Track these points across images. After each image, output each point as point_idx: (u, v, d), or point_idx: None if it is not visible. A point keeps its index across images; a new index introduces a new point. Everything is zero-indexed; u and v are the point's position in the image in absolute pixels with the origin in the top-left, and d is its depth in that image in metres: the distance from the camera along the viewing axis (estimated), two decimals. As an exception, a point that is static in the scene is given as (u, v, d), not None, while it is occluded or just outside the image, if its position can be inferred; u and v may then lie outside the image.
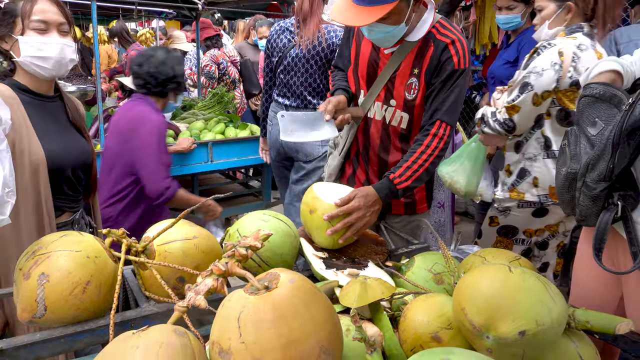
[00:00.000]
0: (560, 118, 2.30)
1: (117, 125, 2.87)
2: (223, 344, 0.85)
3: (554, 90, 2.26)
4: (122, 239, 1.23)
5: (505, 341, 0.94)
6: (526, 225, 2.48)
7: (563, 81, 2.23)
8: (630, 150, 1.31)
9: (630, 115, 1.27)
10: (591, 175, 1.37)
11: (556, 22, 2.38)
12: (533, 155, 2.38)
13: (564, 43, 2.26)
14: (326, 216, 1.53)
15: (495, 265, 1.05)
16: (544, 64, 2.25)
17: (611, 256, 1.52)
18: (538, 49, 2.33)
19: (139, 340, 0.82)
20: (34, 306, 1.08)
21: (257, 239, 1.07)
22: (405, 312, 1.14)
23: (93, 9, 3.07)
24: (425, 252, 1.53)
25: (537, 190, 2.38)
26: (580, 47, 2.24)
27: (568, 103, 2.26)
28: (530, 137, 2.39)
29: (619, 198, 1.35)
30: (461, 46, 1.82)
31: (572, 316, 1.09)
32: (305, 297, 0.89)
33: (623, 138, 1.29)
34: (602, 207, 1.39)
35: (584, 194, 1.40)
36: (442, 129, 1.82)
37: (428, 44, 1.84)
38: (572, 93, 2.24)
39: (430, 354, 0.88)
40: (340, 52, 2.20)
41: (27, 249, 1.17)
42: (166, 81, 2.83)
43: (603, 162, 1.33)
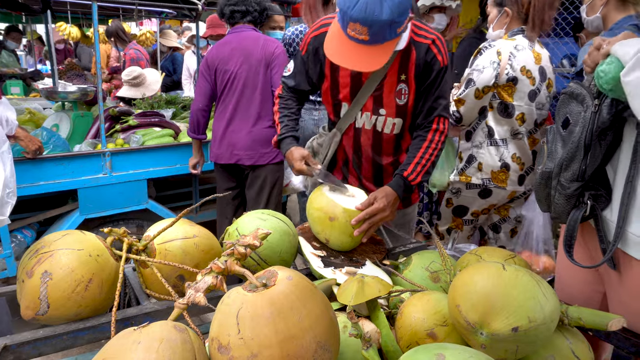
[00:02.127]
0: (500, 110, 2.57)
1: (240, 48, 3.06)
2: (222, 340, 0.87)
3: (493, 86, 2.52)
4: (123, 237, 1.25)
5: (499, 337, 0.96)
6: (474, 204, 2.74)
7: (501, 77, 2.50)
8: (602, 151, 1.35)
9: (599, 116, 1.31)
10: (565, 175, 1.42)
11: (498, 25, 2.62)
12: (479, 143, 2.64)
13: (502, 44, 2.52)
14: (354, 221, 1.58)
15: (489, 263, 1.07)
16: (485, 62, 2.51)
17: (591, 254, 1.54)
18: (481, 49, 2.59)
19: (140, 336, 0.84)
20: (37, 304, 1.10)
21: (255, 238, 1.09)
22: (402, 310, 1.16)
23: (94, 10, 3.08)
24: (423, 251, 1.55)
25: (481, 174, 2.65)
26: (517, 48, 2.50)
27: (506, 97, 2.53)
28: (477, 127, 2.66)
29: (589, 197, 1.41)
30: (441, 44, 1.84)
31: (565, 313, 1.11)
32: (302, 294, 0.91)
33: (594, 139, 1.33)
34: (574, 206, 1.44)
35: (559, 192, 1.45)
36: (442, 124, 1.89)
37: (410, 48, 1.83)
38: (509, 88, 2.52)
39: (425, 349, 0.90)
40: (300, 70, 2.04)
41: (30, 247, 1.19)
42: (264, 10, 3.11)
43: (576, 162, 1.38)
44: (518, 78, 2.49)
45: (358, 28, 1.56)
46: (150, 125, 3.71)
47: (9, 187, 1.17)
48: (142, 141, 3.48)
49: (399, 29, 1.60)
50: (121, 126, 3.63)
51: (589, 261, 1.55)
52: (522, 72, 2.49)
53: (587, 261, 1.55)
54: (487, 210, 2.77)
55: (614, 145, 1.38)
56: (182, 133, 3.82)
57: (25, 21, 7.67)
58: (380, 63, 1.63)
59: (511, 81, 2.49)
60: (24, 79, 6.07)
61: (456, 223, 2.85)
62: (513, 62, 2.47)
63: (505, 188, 2.61)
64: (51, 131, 3.20)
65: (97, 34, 3.16)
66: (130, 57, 5.80)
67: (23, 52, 10.28)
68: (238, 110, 3.10)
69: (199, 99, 3.15)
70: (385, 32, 1.57)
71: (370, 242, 1.72)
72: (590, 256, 1.55)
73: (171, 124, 3.83)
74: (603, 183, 1.43)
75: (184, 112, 4.43)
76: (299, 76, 2.04)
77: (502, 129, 2.58)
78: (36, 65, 8.96)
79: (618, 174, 1.38)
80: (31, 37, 9.11)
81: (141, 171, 3.39)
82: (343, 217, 1.57)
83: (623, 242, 1.36)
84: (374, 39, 1.58)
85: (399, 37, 1.65)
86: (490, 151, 2.60)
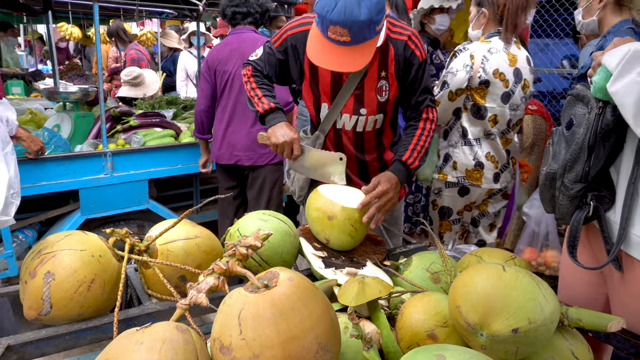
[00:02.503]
0: (474, 112, 2.64)
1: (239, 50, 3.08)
2: (224, 341, 0.87)
3: (466, 88, 2.59)
4: (125, 238, 1.26)
5: (499, 338, 0.97)
6: (455, 203, 2.81)
7: (474, 80, 2.56)
8: (606, 152, 1.36)
9: (603, 118, 1.32)
10: (569, 176, 1.43)
11: (476, 25, 2.67)
12: (454, 142, 2.73)
13: (476, 47, 2.57)
14: (359, 204, 1.61)
15: (489, 265, 1.08)
16: (458, 65, 2.58)
17: (596, 255, 1.55)
18: (456, 52, 2.66)
19: (143, 336, 0.85)
20: (40, 304, 1.11)
21: (257, 239, 1.09)
22: (402, 311, 1.17)
23: (95, 11, 3.09)
24: (423, 252, 1.55)
25: (456, 173, 2.73)
26: (491, 51, 2.54)
27: (479, 99, 2.60)
28: (453, 127, 2.74)
29: (592, 198, 1.42)
30: (417, 39, 1.88)
31: (565, 314, 1.11)
32: (303, 295, 0.91)
33: (598, 141, 1.35)
34: (578, 207, 1.45)
35: (563, 193, 1.46)
36: (431, 113, 1.97)
37: (387, 45, 1.86)
38: (481, 90, 2.58)
39: (425, 350, 0.90)
40: (268, 61, 2.01)
41: (33, 248, 1.19)
42: (266, 12, 3.16)
43: (580, 164, 1.39)
44: (490, 81, 2.54)
45: (339, 30, 1.60)
46: (151, 126, 3.71)
47: (13, 187, 1.17)
48: (143, 141, 3.49)
49: (377, 27, 1.64)
50: (122, 127, 3.63)
51: (594, 263, 1.55)
52: (495, 75, 2.54)
53: (592, 263, 1.56)
54: (469, 208, 2.86)
55: (617, 147, 1.39)
56: (183, 133, 3.82)
57: (26, 21, 7.69)
58: (364, 62, 1.66)
59: (483, 84, 2.55)
60: (25, 79, 6.08)
61: (444, 226, 2.90)
62: (486, 65, 2.53)
63: (480, 186, 2.70)
64: (52, 131, 3.21)
65: (98, 35, 3.16)
66: (131, 57, 5.81)
67: (24, 52, 10.30)
68: (236, 111, 3.11)
69: (201, 100, 3.17)
70: (365, 31, 1.60)
71: (370, 243, 1.72)
72: (595, 258, 1.56)
73: (172, 125, 3.84)
74: (607, 184, 1.44)
75: (185, 113, 4.43)
76: (268, 67, 2.01)
77: (475, 130, 2.66)
78: (37, 65, 8.97)
79: (621, 176, 1.38)
80: (32, 37, 9.12)
81: (142, 171, 3.39)
82: (342, 216, 1.57)
83: (626, 244, 1.37)
84: (355, 39, 1.61)
85: (378, 35, 1.68)
86: (465, 150, 2.69)
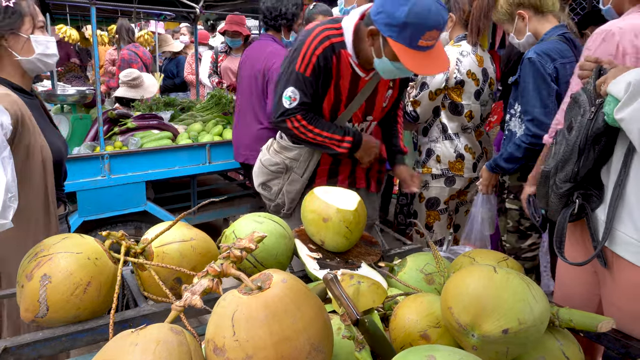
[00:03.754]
0: (451, 109, 2.89)
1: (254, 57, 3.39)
2: (218, 342, 0.89)
3: (444, 88, 2.84)
4: (121, 240, 1.27)
5: (489, 339, 0.98)
6: (443, 193, 2.99)
7: (450, 81, 2.81)
8: (596, 155, 1.39)
9: (594, 122, 1.35)
10: (559, 176, 1.48)
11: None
12: (435, 138, 2.95)
13: (450, 50, 2.78)
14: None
15: (481, 266, 1.09)
16: None
17: (588, 253, 1.57)
18: None
19: (138, 338, 0.86)
20: (36, 306, 1.12)
21: (251, 241, 1.10)
22: (396, 312, 1.18)
23: (92, 14, 3.10)
24: (417, 253, 1.57)
25: (440, 165, 2.94)
26: (462, 54, 2.81)
27: (455, 97, 2.85)
28: (432, 124, 2.96)
29: (578, 196, 1.46)
30: None
31: (555, 315, 1.13)
32: (296, 296, 0.92)
33: (588, 144, 1.38)
34: (566, 205, 1.49)
35: (554, 191, 1.50)
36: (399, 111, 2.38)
37: None
38: (457, 90, 2.84)
39: (416, 351, 0.92)
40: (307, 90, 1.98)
41: (29, 251, 1.21)
42: (277, 17, 3.29)
43: (570, 164, 1.43)
44: (465, 81, 2.80)
45: (434, 34, 1.74)
46: (148, 128, 3.73)
47: (10, 191, 1.19)
48: (140, 144, 3.50)
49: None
50: (119, 129, 3.64)
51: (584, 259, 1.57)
52: (468, 75, 2.80)
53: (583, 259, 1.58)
54: (455, 196, 3.05)
55: (609, 150, 1.42)
56: (180, 135, 3.84)
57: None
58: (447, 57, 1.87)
59: (459, 84, 2.81)
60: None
61: (432, 216, 3.03)
62: (460, 67, 2.78)
63: (463, 175, 2.93)
64: (50, 134, 3.22)
65: (95, 37, 3.17)
66: (122, 57, 5.80)
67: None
68: (241, 112, 3.48)
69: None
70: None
71: (365, 244, 1.74)
72: (587, 255, 1.58)
73: (169, 127, 3.85)
74: (597, 184, 1.47)
75: (182, 114, 4.45)
76: (308, 96, 1.98)
77: (453, 125, 2.91)
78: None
79: (610, 177, 1.41)
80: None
81: (140, 173, 3.40)
82: (337, 218, 1.58)
83: (613, 242, 1.40)
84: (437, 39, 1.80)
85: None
86: (446, 144, 2.92)
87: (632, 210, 1.34)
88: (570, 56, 2.42)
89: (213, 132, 3.98)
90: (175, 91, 6.57)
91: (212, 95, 4.59)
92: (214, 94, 4.59)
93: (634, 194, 1.34)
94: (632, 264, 1.35)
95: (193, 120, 4.26)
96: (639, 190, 1.33)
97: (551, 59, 2.38)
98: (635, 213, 1.34)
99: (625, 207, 1.36)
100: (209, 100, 4.59)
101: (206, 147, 3.75)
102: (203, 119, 4.27)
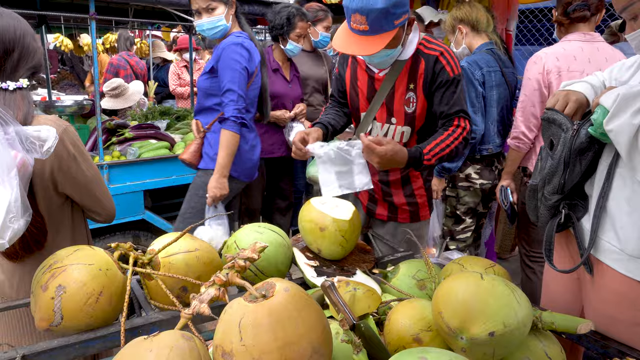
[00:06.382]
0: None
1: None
2: (225, 347, 0.96)
3: None
4: (129, 252, 1.34)
5: (477, 341, 1.06)
6: None
7: None
8: (582, 168, 1.49)
9: (577, 138, 1.45)
10: (547, 188, 1.57)
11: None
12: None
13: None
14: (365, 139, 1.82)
15: (469, 273, 1.17)
16: None
17: (574, 262, 1.65)
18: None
19: (152, 344, 0.93)
20: (51, 315, 1.18)
21: (254, 251, 1.18)
22: (390, 316, 1.25)
23: (92, 28, 3.16)
24: (410, 260, 1.64)
25: None
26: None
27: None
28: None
29: (564, 206, 1.55)
30: (450, 56, 2.00)
31: (539, 318, 1.21)
32: (298, 304, 1.00)
33: (573, 157, 1.47)
34: (554, 215, 1.57)
35: (543, 203, 1.59)
36: (462, 121, 1.99)
37: (418, 60, 2.00)
38: None
39: (409, 353, 0.99)
40: (336, 78, 2.29)
41: (43, 263, 1.27)
42: (272, 28, 3.56)
43: (557, 177, 1.52)
44: None
45: (358, 18, 1.76)
46: (146, 138, 3.79)
47: (12, 211, 1.21)
48: (138, 153, 3.56)
49: (395, 21, 1.78)
50: (117, 139, 3.70)
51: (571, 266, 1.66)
52: None
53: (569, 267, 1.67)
54: None
55: (594, 164, 1.51)
56: (177, 145, 3.90)
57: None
58: (376, 48, 1.79)
59: None
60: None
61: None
62: None
63: None
64: (49, 144, 3.26)
65: (95, 50, 3.23)
66: (110, 62, 5.85)
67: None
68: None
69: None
70: (381, 21, 1.76)
71: (360, 252, 1.81)
72: (574, 263, 1.66)
73: (166, 136, 3.91)
74: (583, 195, 1.57)
75: (178, 123, 4.51)
76: (335, 84, 2.32)
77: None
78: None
79: (595, 188, 1.50)
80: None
81: (138, 183, 3.47)
82: (333, 227, 1.66)
83: (597, 250, 1.48)
84: (372, 28, 1.77)
85: (396, 30, 1.81)
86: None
87: (614, 220, 1.43)
88: (495, 66, 2.99)
89: (209, 141, 4.03)
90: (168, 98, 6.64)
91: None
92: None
93: (615, 205, 1.43)
94: (613, 270, 1.43)
95: (189, 129, 4.32)
96: (620, 201, 1.42)
97: (479, 67, 2.92)
98: (617, 222, 1.42)
99: (608, 217, 1.45)
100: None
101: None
102: (199, 127, 4.32)
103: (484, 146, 3.06)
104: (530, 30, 4.93)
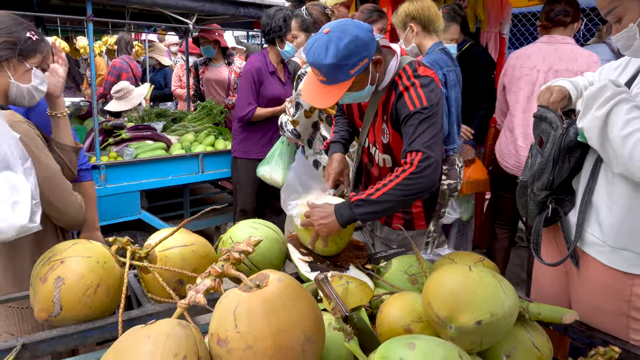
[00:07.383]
0: (329, 122, 3.02)
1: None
2: (221, 334, 0.99)
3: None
4: (126, 246, 1.37)
5: (465, 330, 1.09)
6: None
7: None
8: (570, 165, 1.54)
9: (566, 136, 1.51)
10: (536, 185, 1.61)
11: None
12: (319, 150, 3.13)
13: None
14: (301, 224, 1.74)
15: (457, 266, 1.21)
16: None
17: (562, 255, 1.69)
18: (300, 76, 3.08)
19: (149, 331, 0.96)
20: (50, 306, 1.21)
21: (249, 245, 1.21)
22: (382, 309, 1.28)
23: (89, 30, 3.19)
24: (402, 256, 1.67)
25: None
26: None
27: (330, 111, 2.96)
28: (315, 137, 3.15)
29: (552, 201, 1.60)
30: (416, 91, 1.83)
31: (526, 309, 1.24)
32: (291, 293, 1.03)
33: (562, 155, 1.53)
34: (542, 210, 1.60)
35: (532, 199, 1.63)
36: (410, 158, 1.77)
37: (391, 92, 1.90)
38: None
39: (399, 340, 1.02)
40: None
41: (42, 256, 1.30)
42: (269, 31, 3.57)
43: (546, 174, 1.56)
44: None
45: (315, 70, 1.74)
46: (142, 139, 3.81)
47: (35, 198, 1.30)
48: (135, 154, 3.59)
49: (351, 70, 1.70)
50: (114, 139, 3.72)
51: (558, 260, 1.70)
52: None
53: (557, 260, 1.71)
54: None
55: (581, 161, 1.56)
56: (173, 146, 3.93)
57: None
58: (332, 101, 1.75)
59: None
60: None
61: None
62: None
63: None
64: (46, 145, 3.29)
65: (92, 52, 3.26)
66: (113, 65, 5.87)
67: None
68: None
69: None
70: (335, 73, 1.69)
71: (353, 248, 1.84)
72: (560, 256, 1.70)
73: (162, 137, 3.94)
74: (569, 190, 1.61)
75: (174, 125, 4.53)
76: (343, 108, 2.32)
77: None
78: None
79: (580, 184, 1.55)
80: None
81: (134, 183, 3.49)
82: None
83: (582, 242, 1.53)
84: (328, 79, 1.72)
85: (354, 78, 1.73)
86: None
87: (599, 213, 1.48)
88: (451, 65, 2.95)
89: (205, 142, 4.08)
90: (164, 101, 6.67)
91: (203, 106, 4.68)
92: (205, 104, 4.69)
93: (600, 199, 1.48)
94: (598, 262, 1.48)
95: (185, 130, 4.35)
96: (604, 196, 1.47)
97: (440, 67, 2.88)
98: (601, 216, 1.47)
99: (593, 211, 1.50)
100: (200, 111, 4.68)
101: (199, 157, 3.85)
102: (195, 129, 4.36)
103: (450, 146, 3.02)
104: (524, 34, 5.00)
